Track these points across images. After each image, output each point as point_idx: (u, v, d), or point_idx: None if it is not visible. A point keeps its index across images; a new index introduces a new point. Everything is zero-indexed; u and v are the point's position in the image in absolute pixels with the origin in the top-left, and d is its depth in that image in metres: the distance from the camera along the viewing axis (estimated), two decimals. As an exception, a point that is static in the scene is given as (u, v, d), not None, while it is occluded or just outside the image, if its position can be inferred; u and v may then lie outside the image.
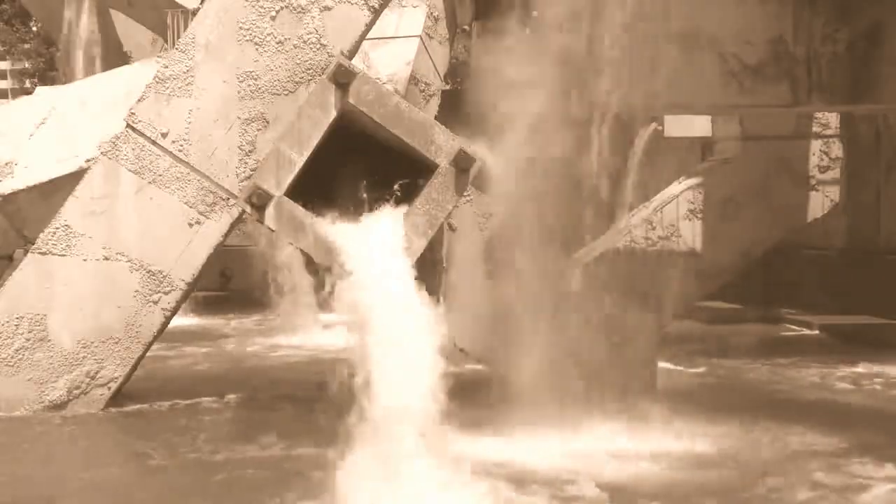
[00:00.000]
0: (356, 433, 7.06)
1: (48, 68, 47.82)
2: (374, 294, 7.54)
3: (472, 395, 8.56)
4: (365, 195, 7.94)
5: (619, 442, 9.11)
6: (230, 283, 21.13)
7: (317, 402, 9.65)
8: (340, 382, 7.13)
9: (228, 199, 10.51)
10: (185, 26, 19.70)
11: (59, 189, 13.25)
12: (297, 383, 12.27)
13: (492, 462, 8.15)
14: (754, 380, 12.78)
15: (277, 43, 10.47)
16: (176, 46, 10.96)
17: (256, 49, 10.48)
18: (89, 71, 22.08)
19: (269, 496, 7.57)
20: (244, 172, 10.45)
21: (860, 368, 13.21)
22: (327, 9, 10.47)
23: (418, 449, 7.08)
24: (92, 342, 10.57)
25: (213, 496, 7.80)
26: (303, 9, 10.46)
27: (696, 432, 9.43)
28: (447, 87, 16.65)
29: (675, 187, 14.35)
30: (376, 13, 10.61)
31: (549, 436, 9.01)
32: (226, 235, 10.76)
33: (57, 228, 10.60)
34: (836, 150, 16.55)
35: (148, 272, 10.59)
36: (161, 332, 10.91)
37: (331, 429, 7.11)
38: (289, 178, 8.27)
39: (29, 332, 10.51)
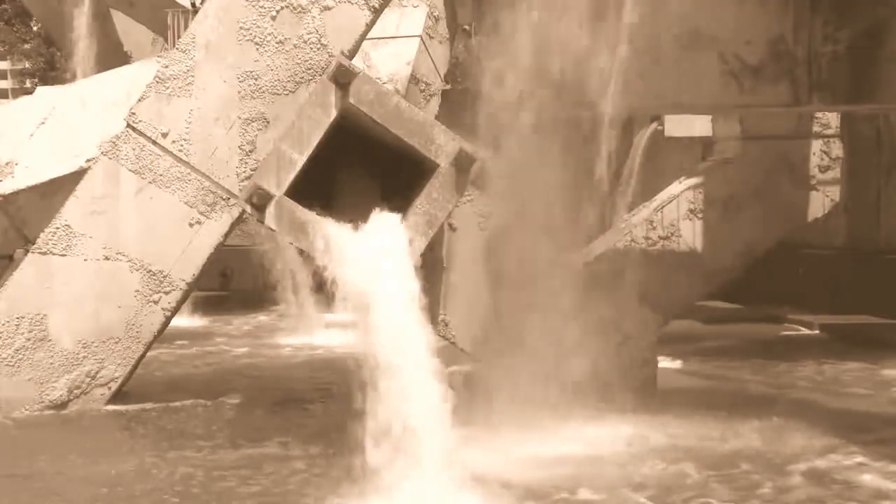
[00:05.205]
0: (359, 435, 7.07)
1: (48, 68, 47.88)
2: (373, 293, 7.55)
3: (472, 395, 8.57)
4: (365, 194, 7.94)
5: (615, 446, 9.08)
6: (230, 283, 21.14)
7: (319, 402, 9.66)
8: (343, 382, 7.13)
9: (229, 198, 10.52)
10: (186, 26, 19.70)
11: (59, 189, 13.24)
12: (299, 383, 12.28)
13: (488, 466, 8.14)
14: (752, 379, 12.77)
15: (278, 43, 10.47)
16: (176, 46, 10.96)
17: (257, 49, 10.48)
18: (89, 71, 22.07)
19: (271, 497, 7.58)
20: (244, 172, 10.45)
21: (859, 368, 13.19)
22: (328, 9, 10.47)
23: (417, 453, 7.09)
24: (92, 342, 10.58)
25: (213, 495, 7.80)
26: (303, 9, 10.46)
27: (693, 433, 9.43)
28: (447, 87, 16.64)
29: (676, 187, 14.37)
30: (377, 13, 10.61)
31: (544, 438, 9.01)
32: (226, 235, 10.77)
33: (57, 228, 10.61)
34: (837, 149, 16.54)
35: (148, 272, 10.60)
36: (161, 332, 10.92)
37: (333, 430, 7.11)
38: (289, 178, 8.26)
39: (29, 331, 10.51)
